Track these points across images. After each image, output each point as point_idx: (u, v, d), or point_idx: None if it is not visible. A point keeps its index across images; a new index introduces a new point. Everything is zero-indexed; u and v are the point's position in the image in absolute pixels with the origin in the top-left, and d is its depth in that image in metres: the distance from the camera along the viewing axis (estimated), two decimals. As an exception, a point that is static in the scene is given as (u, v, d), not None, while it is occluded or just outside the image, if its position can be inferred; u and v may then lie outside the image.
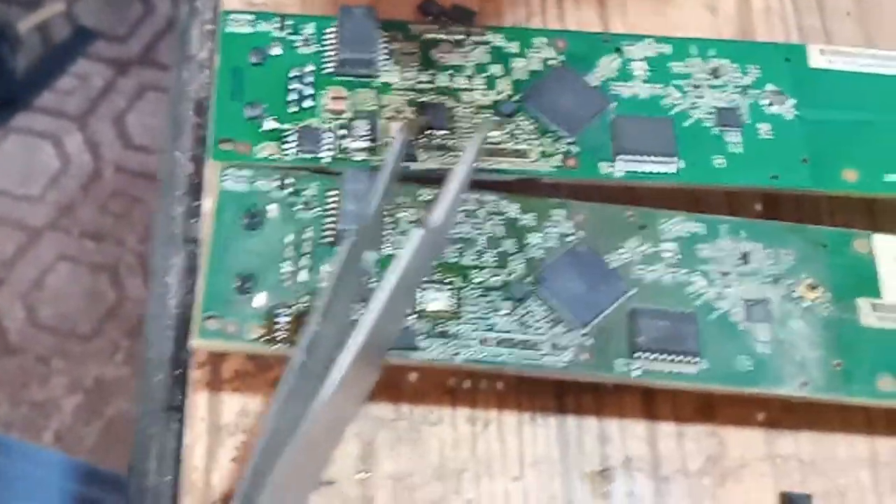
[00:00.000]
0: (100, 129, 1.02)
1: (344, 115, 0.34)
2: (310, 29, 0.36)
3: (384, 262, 0.33)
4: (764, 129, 0.35)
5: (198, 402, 0.33)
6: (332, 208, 0.33)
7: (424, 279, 0.32)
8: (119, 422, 0.89)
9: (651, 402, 0.34)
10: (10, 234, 0.97)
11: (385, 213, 0.33)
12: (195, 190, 0.37)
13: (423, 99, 0.35)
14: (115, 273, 0.95)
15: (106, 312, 0.94)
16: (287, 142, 0.34)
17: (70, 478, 0.56)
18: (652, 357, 0.32)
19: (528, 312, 0.32)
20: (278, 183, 0.33)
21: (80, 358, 0.91)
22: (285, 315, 0.31)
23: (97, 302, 0.94)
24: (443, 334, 0.32)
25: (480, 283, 0.33)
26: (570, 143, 0.35)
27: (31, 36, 1.04)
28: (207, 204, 0.36)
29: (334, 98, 0.35)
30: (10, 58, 1.02)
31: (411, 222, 0.33)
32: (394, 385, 0.33)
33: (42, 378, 0.91)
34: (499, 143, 0.34)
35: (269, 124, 0.34)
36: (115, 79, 1.05)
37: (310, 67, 0.35)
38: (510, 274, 0.33)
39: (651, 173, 0.34)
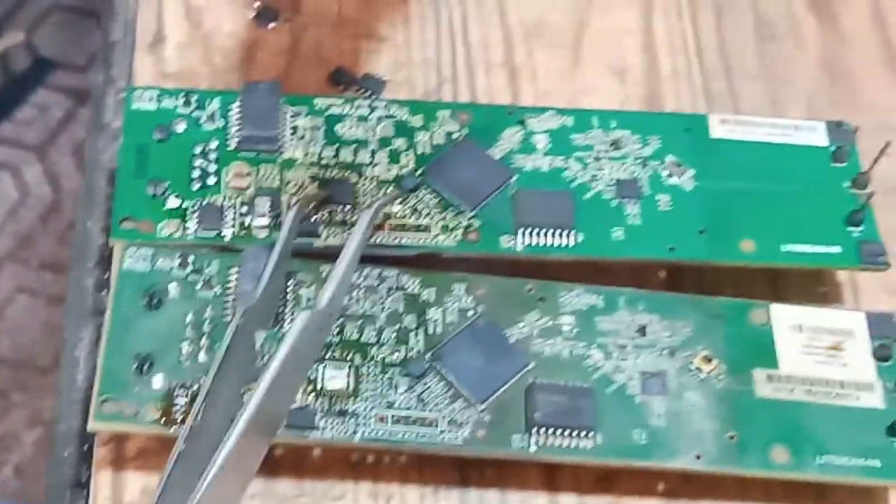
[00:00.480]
0: (59, 159, 1.02)
1: (247, 192, 0.35)
2: (215, 104, 0.36)
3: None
4: (663, 200, 0.36)
5: (101, 480, 0.33)
6: (233, 286, 0.33)
7: (319, 356, 0.33)
8: (79, 455, 0.88)
9: (552, 475, 0.34)
10: (-33, 265, 0.96)
11: (285, 289, 0.33)
12: (105, 262, 0.37)
13: (327, 174, 0.35)
14: (74, 305, 0.95)
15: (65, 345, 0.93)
16: (189, 219, 0.34)
17: None
18: (549, 432, 0.32)
19: (426, 389, 0.33)
20: (179, 261, 0.34)
21: (38, 391, 0.91)
22: (183, 396, 0.32)
23: (56, 334, 0.94)
24: (341, 413, 0.32)
25: (380, 359, 0.33)
26: (471, 218, 0.35)
27: (-11, 66, 1.04)
28: (113, 280, 0.36)
29: (237, 175, 0.35)
30: (-31, 88, 1.02)
31: (310, 300, 0.34)
32: (296, 461, 0.34)
33: (1, 412, 0.90)
34: (401, 218, 0.35)
35: (172, 202, 0.34)
36: (75, 109, 1.05)
37: (214, 143, 0.36)
38: (409, 350, 0.33)
39: (551, 246, 0.35)
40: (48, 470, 0.35)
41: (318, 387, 0.32)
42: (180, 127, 0.36)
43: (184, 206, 0.34)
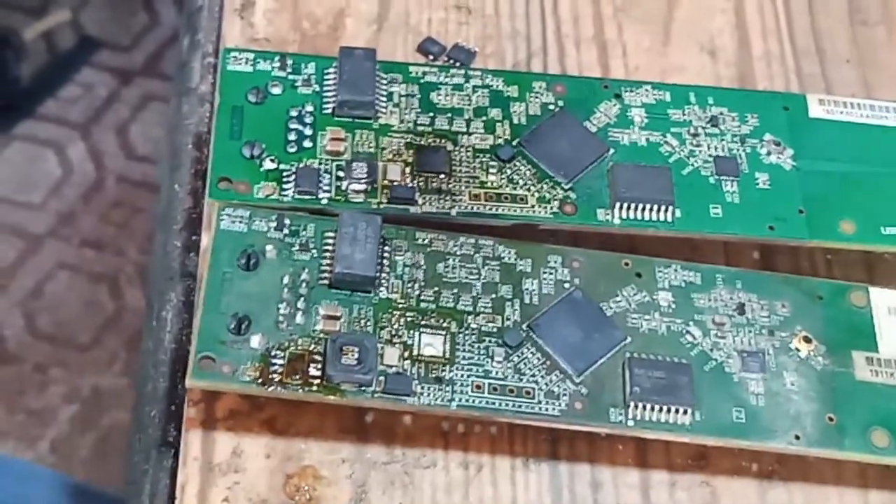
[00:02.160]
0: (103, 138, 1.02)
1: (342, 157, 0.35)
2: (310, 69, 0.36)
3: (380, 305, 0.33)
4: (762, 178, 0.35)
5: (191, 440, 0.33)
6: (329, 250, 0.33)
7: (421, 323, 0.32)
8: (115, 433, 0.88)
9: (644, 451, 0.34)
10: (10, 241, 0.96)
11: (381, 256, 0.33)
12: (193, 224, 0.37)
13: (422, 142, 0.35)
14: (114, 283, 0.95)
15: (104, 322, 0.93)
16: (285, 182, 0.34)
17: (63, 496, 0.56)
18: (646, 407, 0.32)
19: (522, 359, 0.32)
20: (276, 223, 0.33)
21: (77, 367, 0.91)
22: (280, 357, 0.31)
23: (96, 311, 0.94)
24: (437, 380, 0.32)
25: (475, 328, 0.33)
26: (567, 190, 0.35)
27: (36, 44, 1.04)
28: (205, 240, 0.36)
29: (333, 139, 0.35)
30: (15, 65, 1.02)
31: (407, 266, 0.33)
32: (387, 428, 0.33)
33: (39, 387, 0.90)
34: (497, 188, 0.35)
35: (268, 164, 0.34)
36: (119, 88, 1.05)
37: (309, 108, 0.35)
38: (506, 320, 0.33)
39: (648, 221, 0.34)
40: (132, 430, 0.35)
41: (415, 353, 0.32)
42: (276, 90, 0.35)
43: (280, 168, 0.34)
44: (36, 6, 1.06)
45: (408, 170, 0.35)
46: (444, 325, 0.33)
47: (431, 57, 0.39)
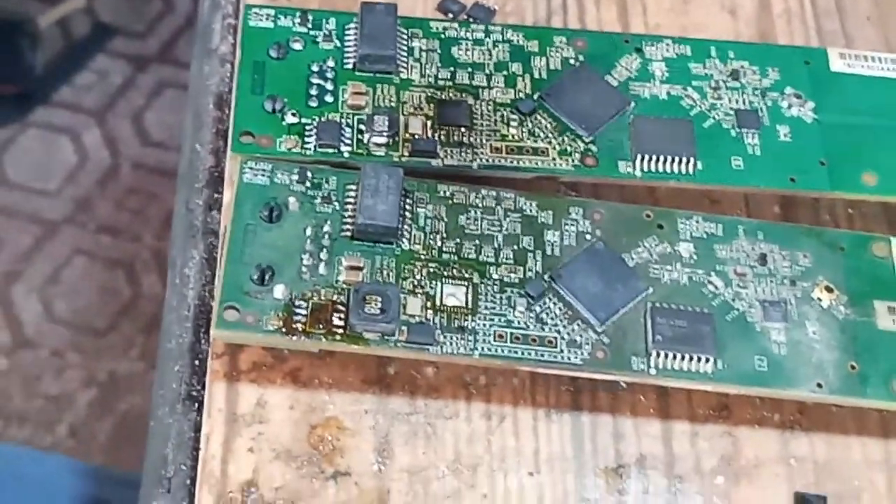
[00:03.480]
0: (118, 125, 1.03)
1: (364, 110, 0.35)
2: (331, 24, 0.36)
3: (402, 256, 0.33)
4: (783, 131, 0.35)
5: (216, 392, 0.33)
6: (351, 202, 0.33)
7: (443, 274, 0.32)
8: (132, 417, 0.89)
9: (666, 402, 0.34)
10: (26, 227, 0.97)
11: (403, 207, 0.33)
12: (215, 182, 0.37)
13: (443, 96, 0.35)
14: (130, 269, 0.95)
15: (121, 308, 0.94)
16: (307, 136, 0.34)
17: (80, 480, 0.56)
18: (668, 356, 0.32)
19: (544, 309, 0.32)
20: (298, 176, 0.33)
21: (94, 352, 0.92)
22: (303, 307, 0.32)
23: (112, 297, 0.95)
24: (460, 329, 0.32)
25: (497, 279, 0.33)
26: (588, 143, 0.35)
27: (50, 31, 1.04)
28: (228, 196, 0.36)
29: (355, 93, 0.35)
30: (30, 53, 1.02)
31: (429, 218, 0.33)
32: (410, 379, 0.34)
33: (57, 372, 0.91)
34: (518, 141, 0.35)
35: (290, 118, 0.34)
36: (134, 75, 1.06)
37: (330, 62, 0.35)
38: (528, 270, 0.33)
39: (670, 173, 0.35)
40: (156, 386, 0.35)
41: (437, 303, 0.32)
42: (297, 45, 0.36)
43: (302, 122, 0.34)
44: (51, -6, 1.06)
45: (429, 123, 0.35)
46: (467, 275, 0.33)
47: (451, 15, 0.39)
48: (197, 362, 0.34)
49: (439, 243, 0.33)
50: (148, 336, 0.92)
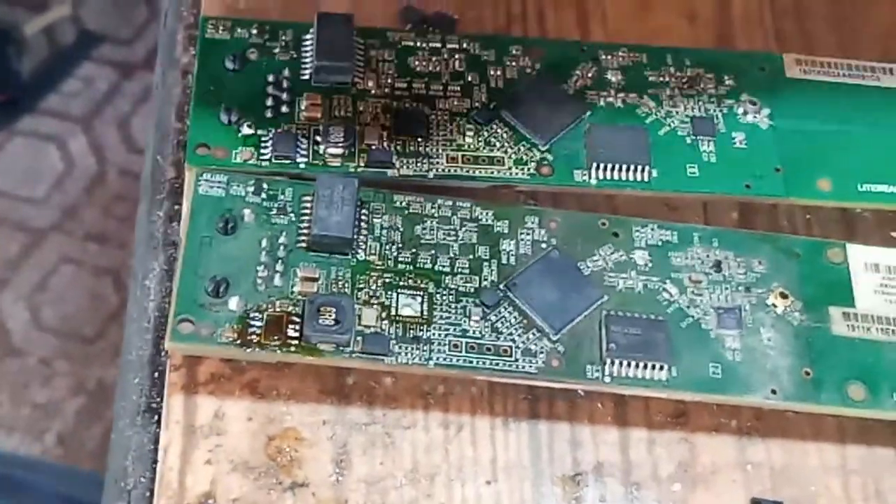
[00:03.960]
0: (104, 132, 1.03)
1: (320, 122, 0.35)
2: (288, 35, 0.36)
3: (358, 267, 0.33)
4: (738, 138, 0.36)
5: (173, 404, 0.33)
6: (307, 213, 0.33)
7: (398, 284, 0.33)
8: (121, 424, 0.88)
9: (623, 409, 0.34)
10: (13, 235, 0.97)
11: (359, 218, 0.33)
12: (176, 194, 0.37)
13: (400, 106, 0.35)
14: (117, 276, 0.95)
15: (109, 315, 0.94)
16: (263, 147, 0.34)
17: (72, 485, 0.56)
18: (623, 364, 0.32)
19: (500, 318, 0.33)
20: (254, 188, 0.34)
21: (82, 360, 0.92)
22: (258, 319, 0.32)
23: (100, 305, 0.95)
24: (415, 339, 0.32)
25: (453, 288, 0.33)
26: (544, 151, 0.35)
27: (36, 39, 1.04)
28: (186, 208, 0.36)
29: (311, 104, 0.35)
30: (16, 60, 1.02)
31: (384, 228, 0.34)
32: (368, 390, 0.34)
33: (45, 380, 0.91)
34: (475, 150, 0.35)
35: (246, 130, 0.34)
36: (120, 82, 1.05)
37: (287, 73, 0.35)
38: (483, 280, 0.33)
39: (625, 181, 0.35)
40: (117, 397, 0.35)
41: (393, 313, 0.32)
42: (253, 56, 0.36)
43: (258, 133, 0.34)
44: (36, 2, 1.06)
45: (385, 133, 0.35)
46: (422, 285, 0.33)
47: (411, 25, 0.39)
48: (156, 374, 0.34)
49: (395, 253, 0.33)
50: (136, 343, 0.92)
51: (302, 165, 0.34)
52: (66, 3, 1.06)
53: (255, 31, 0.36)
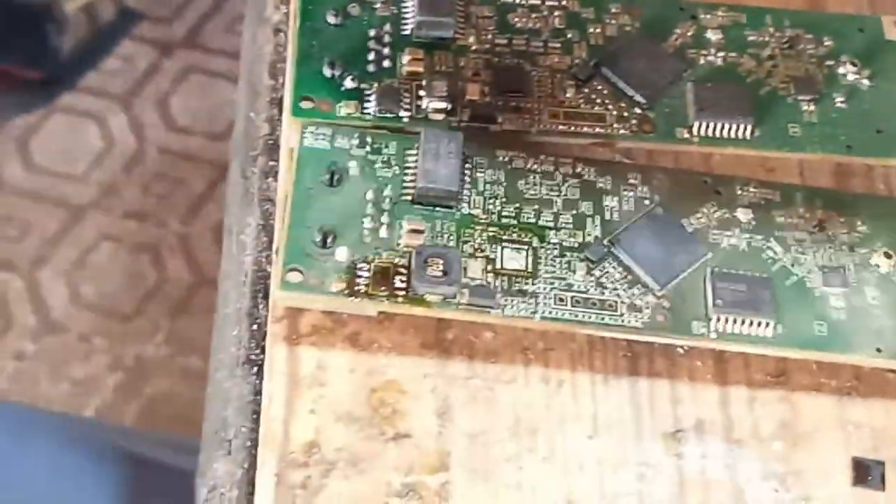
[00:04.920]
0: (143, 110, 1.03)
1: (422, 77, 0.35)
2: (388, -10, 0.36)
3: (463, 220, 0.33)
4: (839, 98, 0.36)
5: (276, 355, 0.33)
6: (411, 167, 0.33)
7: (503, 238, 0.33)
8: (158, 401, 0.89)
9: (723, 367, 0.34)
10: (53, 212, 0.97)
11: (463, 171, 0.33)
12: (270, 150, 0.37)
13: (500, 62, 0.35)
14: (156, 253, 0.96)
15: (147, 292, 0.94)
16: (367, 101, 0.34)
17: (118, 438, 0.57)
18: (728, 320, 0.32)
19: (604, 273, 0.33)
20: (358, 141, 0.34)
21: (120, 337, 0.92)
22: (366, 269, 0.32)
23: (138, 282, 0.95)
24: (520, 292, 0.32)
25: (557, 243, 0.33)
26: (645, 108, 0.35)
27: (77, 17, 1.05)
28: (283, 164, 0.36)
29: (412, 59, 0.35)
30: (57, 38, 1.02)
31: (488, 183, 0.34)
32: (468, 344, 0.34)
33: (83, 356, 0.91)
34: (576, 107, 0.35)
35: (349, 83, 0.34)
36: (160, 60, 1.06)
37: (388, 28, 0.36)
38: (587, 235, 0.33)
39: (727, 139, 0.35)
40: (214, 350, 0.35)
41: (498, 266, 0.32)
42: (355, 10, 0.36)
43: (361, 87, 0.34)
44: (77, -21, 1.06)
45: (487, 89, 0.35)
46: (526, 239, 0.33)
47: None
48: (255, 327, 0.35)
49: (499, 208, 0.33)
50: (174, 320, 0.92)
51: (405, 119, 0.34)
52: (107, -19, 1.06)
53: (356, -14, 0.36)
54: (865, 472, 0.33)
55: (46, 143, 1.00)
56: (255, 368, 0.34)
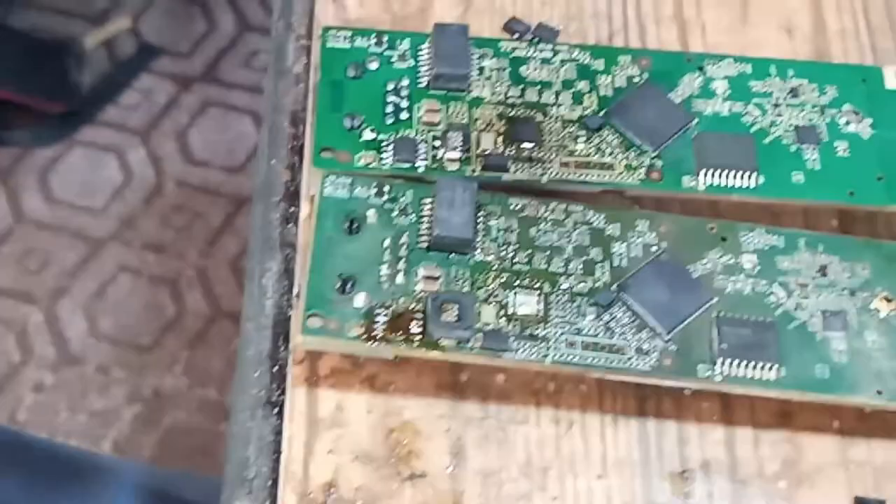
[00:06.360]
0: (162, 143, 1.04)
1: (438, 127, 0.36)
2: (405, 45, 0.38)
3: (475, 267, 0.34)
4: (841, 147, 0.37)
5: (297, 396, 0.34)
6: (427, 215, 0.35)
7: (515, 283, 0.34)
8: (177, 433, 0.90)
9: (729, 409, 0.35)
10: (72, 244, 0.98)
11: (476, 220, 0.35)
12: (291, 197, 0.39)
13: (513, 113, 0.37)
14: (175, 286, 0.97)
15: (165, 324, 0.95)
16: (384, 151, 0.35)
17: (140, 475, 0.57)
18: (733, 363, 0.33)
19: (613, 318, 0.34)
20: (376, 190, 0.35)
21: (139, 368, 0.93)
22: (383, 315, 0.33)
23: (157, 314, 0.96)
24: (532, 337, 0.33)
25: (567, 289, 0.34)
26: (653, 158, 0.36)
27: (96, 51, 1.06)
28: (304, 210, 0.37)
29: (429, 111, 0.36)
30: (77, 72, 1.04)
31: (501, 230, 0.35)
32: (482, 386, 0.35)
33: (102, 387, 0.92)
34: (586, 156, 0.36)
35: (368, 135, 0.36)
36: (178, 94, 1.07)
37: (405, 81, 0.37)
38: (596, 281, 0.34)
39: (732, 187, 0.36)
40: (234, 391, 0.36)
41: (510, 312, 0.33)
42: (373, 65, 0.37)
43: (379, 138, 0.36)
44: (97, 14, 1.08)
45: (500, 139, 0.36)
46: (538, 285, 0.34)
47: (517, 35, 0.40)
48: (276, 369, 0.36)
49: (511, 254, 0.34)
50: (191, 352, 0.93)
51: (421, 169, 0.35)
52: (126, 16, 1.08)
53: (374, 41, 0.37)
54: (867, 511, 0.34)
55: (66, 176, 1.01)
56: (276, 409, 0.35)
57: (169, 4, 1.11)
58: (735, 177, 0.36)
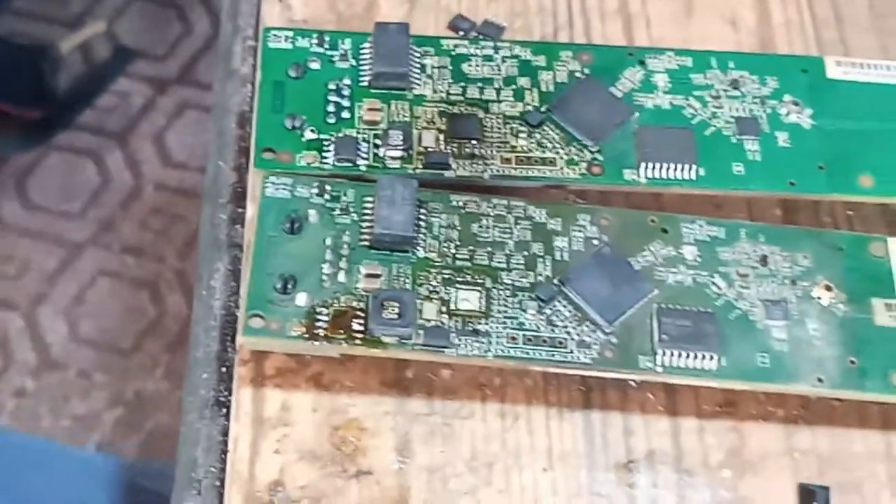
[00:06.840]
0: (140, 146, 1.04)
1: (379, 126, 0.36)
2: (346, 45, 0.38)
3: (418, 264, 0.34)
4: (782, 137, 0.37)
5: (243, 397, 0.35)
6: (368, 213, 0.35)
7: (457, 280, 0.34)
8: (159, 435, 0.90)
9: (674, 399, 0.35)
10: (51, 249, 0.98)
11: (418, 217, 0.35)
12: (238, 198, 0.39)
13: (455, 110, 0.37)
14: (155, 288, 0.97)
15: (146, 327, 0.95)
16: (326, 151, 0.36)
17: (114, 469, 0.58)
18: (674, 354, 0.33)
19: (554, 312, 0.34)
20: (318, 190, 0.35)
21: (120, 372, 0.93)
22: (325, 314, 0.33)
23: (137, 317, 0.96)
24: (474, 332, 0.33)
25: (509, 284, 0.34)
26: (595, 152, 0.36)
27: (72, 55, 1.06)
28: (251, 211, 0.38)
29: (370, 109, 0.36)
30: (53, 77, 1.04)
31: (443, 227, 0.35)
32: (427, 382, 0.35)
33: (83, 392, 0.92)
34: (527, 152, 0.36)
35: (309, 134, 0.36)
36: (155, 97, 1.07)
37: (346, 81, 0.37)
38: (538, 275, 0.34)
39: (673, 179, 0.36)
40: (185, 392, 0.37)
41: (452, 308, 0.34)
42: (315, 65, 0.37)
43: (320, 138, 0.36)
44: (72, 19, 1.08)
45: (441, 137, 0.36)
46: (479, 281, 0.34)
47: (462, 33, 0.40)
48: (224, 369, 0.36)
49: (453, 250, 0.35)
50: (173, 355, 0.93)
51: (363, 168, 0.35)
52: (102, 20, 1.08)
53: (315, 41, 0.38)
54: (811, 498, 0.34)
55: (44, 181, 1.01)
56: (224, 410, 0.35)
57: (144, 7, 1.11)
58: (675, 169, 0.36)
